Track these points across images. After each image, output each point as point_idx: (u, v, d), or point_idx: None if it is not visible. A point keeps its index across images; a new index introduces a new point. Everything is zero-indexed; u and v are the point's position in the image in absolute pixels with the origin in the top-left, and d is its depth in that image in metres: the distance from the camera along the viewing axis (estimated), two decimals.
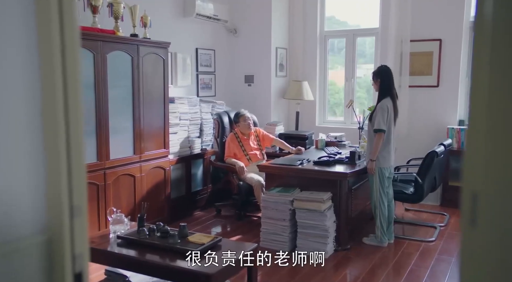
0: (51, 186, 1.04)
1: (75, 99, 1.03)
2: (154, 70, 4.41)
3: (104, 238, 3.23)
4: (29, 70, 1.00)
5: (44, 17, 0.99)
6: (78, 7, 3.85)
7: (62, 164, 1.02)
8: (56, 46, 0.99)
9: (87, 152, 3.79)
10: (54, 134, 1.01)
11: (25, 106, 1.00)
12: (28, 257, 1.01)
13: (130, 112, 4.16)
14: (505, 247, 0.76)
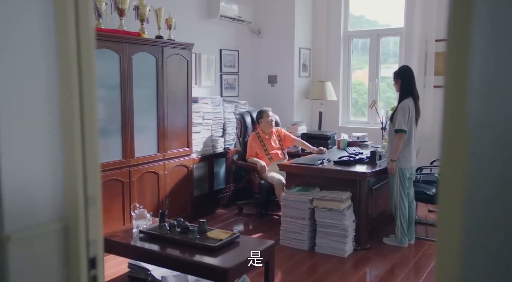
0: (68, 178, 1.13)
1: (90, 97, 1.12)
2: (178, 71, 4.53)
3: (128, 232, 3.35)
4: (48, 70, 1.09)
5: (61, 21, 1.09)
6: (106, 10, 4.01)
7: (77, 158, 1.11)
8: (72, 47, 1.08)
9: (113, 149, 3.94)
10: (71, 132, 1.11)
11: (45, 105, 1.09)
12: (47, 241, 1.10)
13: (154, 112, 4.29)
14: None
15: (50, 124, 1.11)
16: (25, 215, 1.07)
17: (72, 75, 1.08)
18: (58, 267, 1.13)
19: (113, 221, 3.90)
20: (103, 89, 3.84)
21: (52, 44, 1.09)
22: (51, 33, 1.09)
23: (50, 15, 1.10)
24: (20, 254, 1.05)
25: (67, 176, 1.13)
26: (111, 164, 3.90)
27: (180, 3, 5.05)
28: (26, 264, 1.07)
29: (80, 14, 1.10)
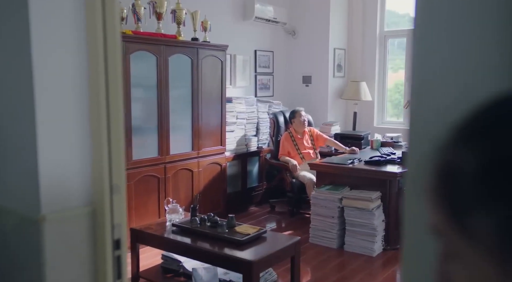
0: (96, 168, 1.27)
1: (116, 98, 1.26)
2: (212, 72, 4.69)
3: (161, 225, 3.53)
4: (79, 73, 1.24)
5: (91, 28, 1.23)
6: (145, 14, 4.21)
7: (104, 151, 1.25)
8: (100, 48, 1.22)
9: (150, 147, 4.15)
10: (98, 129, 1.25)
11: (76, 103, 1.24)
12: (77, 223, 1.25)
13: (189, 111, 4.47)
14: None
15: (80, 121, 1.25)
16: (58, 199, 1.22)
17: (99, 77, 1.22)
18: (87, 246, 1.27)
19: (149, 215, 4.10)
20: (141, 89, 4.05)
21: (82, 49, 1.23)
22: (82, 39, 1.23)
23: (82, 22, 1.24)
24: (54, 233, 1.20)
25: (94, 166, 1.27)
26: (147, 161, 4.10)
27: (216, 6, 5.21)
28: (58, 242, 1.22)
29: (107, 20, 1.24)
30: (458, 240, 0.40)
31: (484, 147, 0.38)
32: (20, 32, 1.17)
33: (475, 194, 0.38)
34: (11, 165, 1.29)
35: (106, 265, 1.28)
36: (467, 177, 0.38)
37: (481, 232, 0.38)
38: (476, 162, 0.38)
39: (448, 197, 0.40)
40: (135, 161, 4.00)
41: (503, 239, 0.36)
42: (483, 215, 0.37)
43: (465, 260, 0.40)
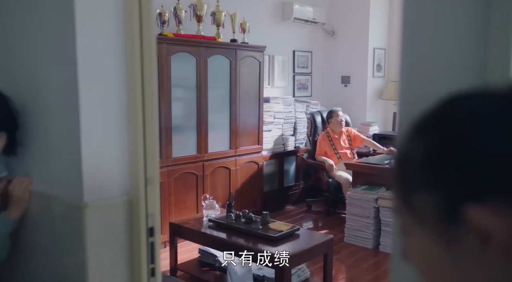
0: (133, 162, 1.39)
1: (151, 99, 1.37)
2: (250, 72, 4.80)
3: (198, 220, 3.66)
4: (118, 73, 1.36)
5: (129, 32, 1.35)
6: (186, 17, 4.37)
7: (140, 147, 1.37)
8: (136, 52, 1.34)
9: (189, 145, 4.31)
10: (135, 126, 1.37)
11: (115, 102, 1.36)
12: (115, 211, 1.37)
13: (227, 111, 4.60)
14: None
15: (119, 119, 1.37)
16: (99, 189, 1.34)
17: (136, 78, 1.34)
18: (124, 232, 1.39)
19: (188, 210, 4.25)
20: (181, 89, 4.21)
21: (121, 52, 1.35)
22: (121, 44, 1.35)
23: (121, 26, 1.36)
24: (95, 219, 1.33)
25: (131, 160, 1.39)
26: (186, 158, 4.26)
27: (255, 7, 5.30)
28: (99, 227, 1.34)
29: (143, 25, 1.35)
30: (408, 218, 0.46)
31: (428, 138, 0.44)
32: (66, 36, 1.31)
33: (419, 177, 0.44)
34: (59, 157, 1.43)
35: (141, 251, 1.39)
36: (415, 162, 0.44)
37: (424, 209, 0.44)
38: (421, 150, 0.44)
39: (401, 180, 0.46)
40: (174, 158, 4.17)
41: (440, 216, 0.42)
42: (425, 195, 0.43)
43: (414, 235, 0.46)
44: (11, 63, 1.59)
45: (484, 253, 0.40)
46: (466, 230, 0.40)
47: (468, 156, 0.40)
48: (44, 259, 1.52)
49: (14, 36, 1.56)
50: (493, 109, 0.42)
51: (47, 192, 1.47)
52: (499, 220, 0.38)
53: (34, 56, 1.48)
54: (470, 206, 0.39)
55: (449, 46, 0.73)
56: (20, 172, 1.55)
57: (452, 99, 0.45)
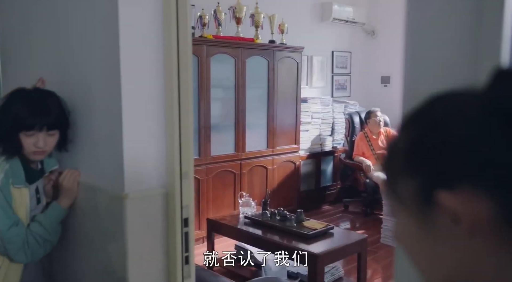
0: (169, 157, 1.50)
1: (186, 98, 1.47)
2: (288, 73, 4.86)
3: (235, 217, 3.77)
4: (156, 73, 1.47)
5: (167, 35, 1.45)
6: (225, 19, 4.50)
7: (175, 143, 1.47)
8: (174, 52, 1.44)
9: (227, 144, 4.43)
10: (171, 124, 1.47)
11: (154, 101, 1.48)
12: (153, 202, 1.48)
13: (264, 110, 4.68)
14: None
15: (157, 117, 1.49)
16: (138, 181, 1.46)
17: (173, 80, 1.44)
18: (160, 222, 1.50)
19: (225, 207, 4.37)
20: (220, 89, 4.34)
21: (160, 57, 1.47)
22: (160, 48, 1.47)
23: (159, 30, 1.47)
24: (134, 209, 1.44)
25: (168, 155, 1.50)
26: (224, 157, 4.38)
27: (294, 8, 5.36)
28: (138, 217, 1.46)
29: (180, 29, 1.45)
30: (395, 202, 0.52)
31: (412, 131, 0.50)
32: (110, 42, 1.43)
33: (403, 165, 0.50)
34: (103, 152, 1.56)
35: (176, 240, 1.50)
36: (400, 152, 0.50)
37: (406, 194, 0.50)
38: (406, 141, 0.50)
39: (389, 167, 0.53)
40: (213, 156, 4.30)
41: (418, 200, 0.48)
42: (407, 181, 0.49)
43: (400, 217, 0.52)
44: (63, 67, 1.74)
45: (455, 234, 0.46)
46: (439, 213, 0.46)
47: (441, 148, 0.46)
48: (89, 245, 1.66)
49: (65, 43, 1.71)
50: (465, 107, 0.47)
51: (92, 184, 1.61)
52: (466, 205, 0.44)
53: (83, 61, 1.63)
54: (442, 192, 0.45)
55: (447, 46, 0.79)
56: (69, 165, 1.70)
57: (433, 99, 0.50)
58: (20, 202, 1.55)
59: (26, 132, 1.50)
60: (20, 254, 1.52)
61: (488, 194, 0.43)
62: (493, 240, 0.44)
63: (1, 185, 1.48)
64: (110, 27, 1.43)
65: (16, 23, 2.10)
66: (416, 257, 0.52)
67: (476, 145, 0.44)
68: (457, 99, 0.49)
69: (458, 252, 0.47)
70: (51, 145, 1.57)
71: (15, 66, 2.15)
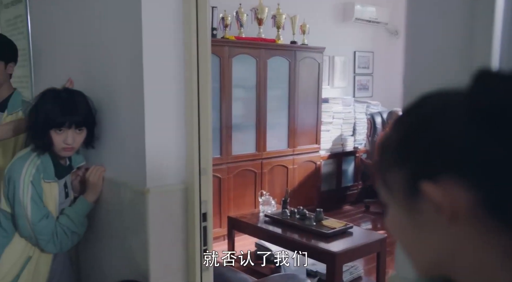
0: (189, 154, 1.57)
1: (205, 97, 1.54)
2: (309, 73, 4.89)
3: (255, 215, 3.83)
4: (177, 74, 1.54)
5: (187, 40, 1.52)
6: (247, 21, 4.56)
7: (195, 141, 1.54)
8: (193, 53, 1.51)
9: (248, 143, 4.49)
10: (191, 123, 1.54)
11: (174, 101, 1.55)
12: (173, 197, 1.56)
13: (285, 110, 4.73)
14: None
15: (177, 116, 1.56)
16: (159, 177, 1.53)
17: (193, 82, 1.51)
18: (180, 216, 1.57)
19: (246, 206, 4.44)
20: (241, 89, 4.40)
21: (181, 60, 1.54)
22: (180, 51, 1.54)
23: (180, 38, 1.54)
24: (155, 203, 1.52)
25: (188, 152, 1.56)
26: (245, 156, 4.44)
27: (315, 9, 5.38)
28: (159, 211, 1.53)
29: (199, 32, 1.52)
30: (385, 192, 0.56)
31: (402, 127, 0.54)
32: (134, 45, 1.51)
33: (392, 158, 0.54)
34: (127, 150, 1.64)
35: (195, 233, 1.56)
36: (391, 146, 0.55)
37: (394, 185, 0.54)
38: (396, 137, 0.54)
39: (381, 160, 0.57)
40: (234, 156, 4.37)
41: (405, 190, 0.52)
42: (395, 173, 0.54)
43: (390, 207, 0.56)
44: (90, 68, 1.83)
45: (437, 221, 0.50)
46: (424, 202, 0.50)
47: (426, 143, 0.50)
48: (113, 237, 1.74)
49: (91, 46, 1.81)
50: (450, 106, 0.51)
51: (117, 179, 1.69)
52: (447, 195, 0.48)
53: (108, 62, 1.71)
54: (426, 183, 0.49)
55: (443, 46, 0.83)
56: (95, 162, 1.79)
57: (422, 98, 0.55)
58: (50, 196, 1.64)
59: (56, 130, 1.59)
60: (50, 245, 1.62)
61: (467, 185, 0.47)
62: (472, 228, 0.49)
63: (33, 179, 1.58)
64: (134, 31, 1.51)
65: (46, 28, 2.21)
66: (404, 243, 0.56)
67: (458, 141, 0.48)
68: (443, 98, 0.53)
69: (441, 239, 0.51)
70: (79, 141, 1.65)
71: (46, 68, 2.27)
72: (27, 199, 1.56)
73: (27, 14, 2.30)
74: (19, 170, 1.58)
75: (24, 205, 1.56)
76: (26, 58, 2.31)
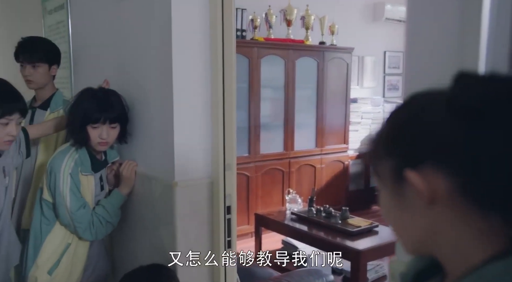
0: (214, 150, 1.67)
1: (230, 96, 1.63)
2: (337, 73, 4.92)
3: (282, 213, 3.91)
4: (204, 74, 1.64)
5: (213, 42, 1.62)
6: (276, 22, 4.64)
7: (220, 138, 1.64)
8: (219, 55, 1.61)
9: (276, 142, 4.57)
10: (216, 121, 1.64)
11: (201, 100, 1.65)
12: (199, 191, 1.66)
13: (313, 110, 4.78)
14: None
15: (204, 115, 1.66)
16: (187, 171, 1.64)
17: (218, 82, 1.61)
18: (206, 209, 1.67)
19: (273, 204, 4.52)
20: (269, 90, 4.49)
21: (207, 61, 1.64)
22: (207, 54, 1.64)
23: (207, 39, 1.65)
24: (183, 196, 1.62)
25: (213, 149, 1.66)
26: (273, 155, 4.53)
27: (345, 9, 5.40)
28: (186, 203, 1.63)
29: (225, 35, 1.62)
30: (377, 180, 0.63)
31: (391, 122, 0.61)
32: (164, 47, 1.62)
33: (383, 150, 0.61)
34: (157, 146, 1.75)
35: (219, 225, 1.66)
36: (382, 139, 0.62)
37: (384, 173, 0.61)
38: (387, 131, 0.61)
39: (374, 152, 0.64)
40: (262, 155, 4.45)
41: (393, 178, 0.59)
42: (385, 162, 0.60)
43: (381, 193, 0.63)
44: (125, 70, 1.96)
45: (419, 205, 0.57)
46: (408, 188, 0.57)
47: (410, 136, 0.58)
48: (145, 227, 1.86)
49: (125, 49, 1.94)
50: (432, 104, 0.58)
51: (148, 173, 1.81)
52: (427, 181, 0.55)
53: (140, 63, 1.83)
54: (409, 171, 0.56)
55: (438, 45, 0.90)
56: (128, 157, 1.92)
57: (411, 97, 0.62)
58: (87, 188, 1.78)
59: (92, 125, 1.72)
60: (86, 232, 1.75)
61: (445, 173, 0.54)
62: (449, 210, 0.55)
63: (71, 172, 1.72)
64: (164, 35, 1.62)
65: (85, 33, 2.37)
66: (393, 224, 0.63)
67: (437, 135, 0.55)
68: (428, 97, 0.60)
69: (422, 220, 0.58)
70: (113, 136, 1.78)
71: (84, 69, 2.43)
72: (66, 190, 1.70)
73: (68, 20, 2.47)
74: (60, 163, 1.72)
75: (64, 195, 1.70)
76: (67, 61, 2.48)
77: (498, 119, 0.52)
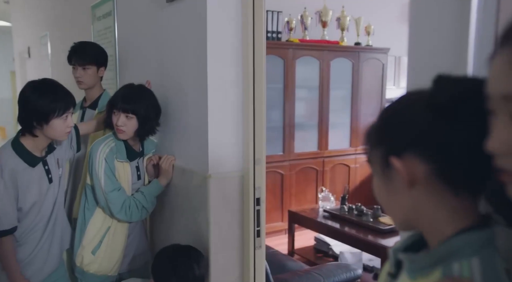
0: (245, 146, 1.80)
1: (260, 94, 1.76)
2: (372, 74, 4.96)
3: (315, 210, 4.00)
4: (236, 75, 1.78)
5: (245, 45, 1.76)
6: (311, 23, 4.73)
7: (250, 134, 1.77)
8: (250, 56, 1.74)
9: (310, 142, 4.66)
10: (247, 118, 1.77)
11: (234, 97, 1.79)
12: (231, 183, 1.80)
13: (348, 110, 4.83)
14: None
15: (236, 112, 1.80)
16: (219, 164, 1.78)
17: (249, 82, 1.74)
18: (237, 200, 1.81)
19: (307, 202, 4.62)
20: (304, 90, 4.59)
21: (239, 62, 1.78)
22: (239, 56, 1.78)
23: (239, 43, 1.78)
24: (216, 187, 1.76)
25: (244, 144, 1.80)
26: (308, 154, 4.62)
27: (381, 9, 5.41)
28: (219, 194, 1.78)
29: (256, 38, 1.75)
30: (371, 167, 0.74)
31: (382, 117, 0.72)
32: (199, 50, 1.77)
33: (374, 140, 0.72)
34: (193, 141, 1.90)
35: (249, 215, 1.79)
36: (374, 131, 0.73)
37: (375, 160, 0.72)
38: (379, 125, 0.72)
39: (368, 142, 0.74)
40: (297, 153, 4.56)
41: (381, 164, 0.70)
42: (375, 151, 0.71)
43: (374, 179, 0.74)
44: (164, 70, 2.13)
45: (402, 187, 0.67)
46: (393, 172, 0.68)
47: (395, 128, 0.68)
48: (182, 215, 2.02)
49: (165, 53, 2.10)
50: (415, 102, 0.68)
51: (184, 166, 1.97)
52: (407, 167, 0.66)
53: (179, 65, 2.00)
54: (393, 158, 0.67)
55: (437, 46, 1.00)
56: (167, 151, 2.08)
57: (402, 95, 0.72)
58: (123, 174, 1.96)
59: (115, 111, 1.91)
60: (121, 213, 1.93)
61: (422, 160, 0.65)
62: (428, 191, 0.66)
63: (106, 156, 1.91)
64: (200, 39, 1.77)
65: (130, 37, 2.57)
66: (384, 205, 0.74)
67: (417, 127, 0.66)
68: (412, 96, 0.70)
69: (406, 200, 0.68)
70: (130, 126, 1.91)
71: (129, 71, 2.63)
72: (101, 172, 1.89)
73: (115, 26, 2.68)
74: (96, 148, 1.93)
75: (99, 176, 1.90)
76: (113, 63, 2.69)
77: (464, 114, 0.62)
